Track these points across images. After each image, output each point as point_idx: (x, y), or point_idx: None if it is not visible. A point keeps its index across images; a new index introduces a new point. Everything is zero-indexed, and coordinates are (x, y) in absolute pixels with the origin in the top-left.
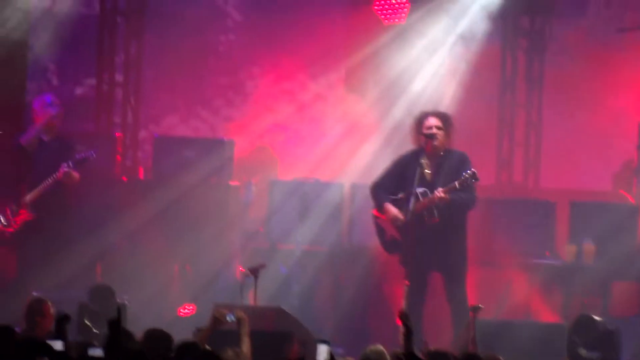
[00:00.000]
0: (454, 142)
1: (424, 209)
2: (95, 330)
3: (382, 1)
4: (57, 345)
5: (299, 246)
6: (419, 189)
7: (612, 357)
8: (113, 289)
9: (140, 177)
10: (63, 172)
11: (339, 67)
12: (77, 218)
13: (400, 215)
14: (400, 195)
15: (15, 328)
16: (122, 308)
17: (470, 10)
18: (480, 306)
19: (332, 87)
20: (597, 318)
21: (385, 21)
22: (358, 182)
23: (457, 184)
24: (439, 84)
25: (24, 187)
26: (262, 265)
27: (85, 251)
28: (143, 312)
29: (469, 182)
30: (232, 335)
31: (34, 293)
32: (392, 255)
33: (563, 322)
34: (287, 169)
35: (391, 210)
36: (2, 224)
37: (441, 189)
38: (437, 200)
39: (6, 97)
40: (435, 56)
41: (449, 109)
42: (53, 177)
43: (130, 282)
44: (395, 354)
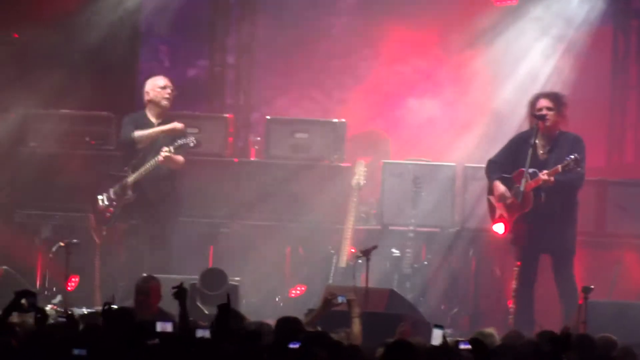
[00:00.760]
0: (567, 123)
1: (532, 190)
2: (207, 311)
3: None
4: (168, 327)
5: (410, 228)
6: (529, 169)
7: None
8: (225, 272)
9: (251, 159)
10: (164, 157)
11: (451, 49)
12: (189, 199)
13: (507, 194)
14: (513, 175)
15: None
16: (233, 290)
17: None
18: (591, 287)
19: (444, 68)
20: None
21: (497, 3)
22: (469, 163)
23: (560, 167)
24: (551, 66)
25: (127, 169)
26: (374, 247)
27: (196, 232)
28: (255, 294)
29: (571, 167)
30: (343, 317)
31: (144, 274)
32: (501, 234)
33: None
34: (399, 150)
35: (499, 187)
36: (104, 205)
37: (545, 172)
38: (542, 182)
39: (119, 79)
40: (546, 37)
41: (560, 91)
42: (155, 161)
43: (241, 264)
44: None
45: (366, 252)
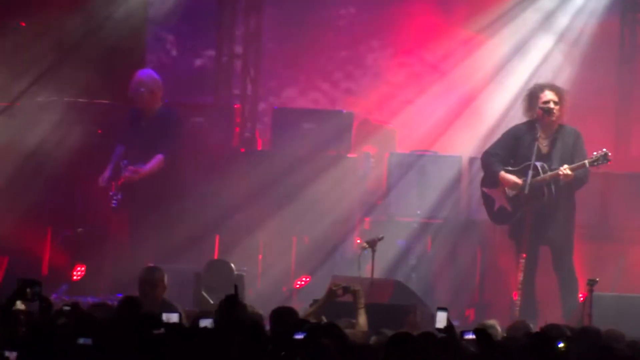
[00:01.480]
0: (572, 116)
1: (544, 183)
2: (212, 301)
3: None
4: (173, 318)
5: (416, 219)
6: (536, 162)
7: None
8: (230, 263)
9: (258, 149)
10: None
11: (459, 40)
12: (194, 189)
13: (520, 183)
14: (514, 168)
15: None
16: (239, 280)
17: None
18: (596, 280)
19: (451, 60)
20: None
21: None
22: (476, 155)
23: (586, 162)
24: (557, 59)
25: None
26: (380, 238)
27: (202, 222)
28: (260, 284)
29: (601, 162)
30: (348, 307)
31: (150, 264)
32: (499, 226)
33: None
34: (405, 142)
35: (510, 178)
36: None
37: (567, 166)
38: (562, 176)
39: (125, 69)
40: (553, 30)
41: (566, 84)
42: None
43: (247, 254)
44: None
45: (372, 243)
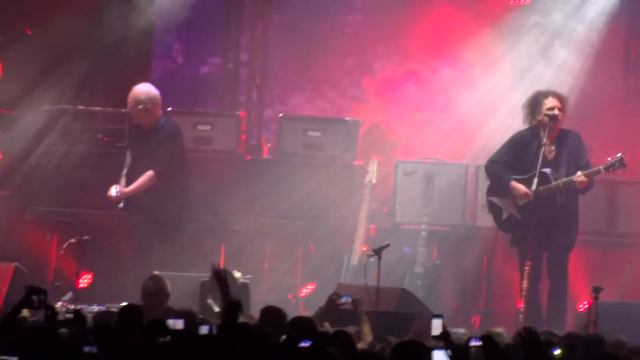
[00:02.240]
0: (578, 124)
1: (557, 190)
2: (217, 309)
3: None
4: (179, 325)
5: (422, 226)
6: (545, 169)
7: None
8: (232, 273)
9: (264, 156)
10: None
11: (464, 48)
12: (200, 197)
13: (530, 193)
14: (522, 176)
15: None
16: (244, 288)
17: None
18: (601, 287)
19: (458, 67)
20: None
21: (512, 1)
22: (482, 163)
23: (602, 168)
24: (563, 66)
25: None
26: (386, 246)
27: (208, 230)
28: (266, 292)
29: (617, 167)
30: (353, 315)
31: (155, 272)
32: (508, 234)
33: None
34: (412, 149)
35: (520, 188)
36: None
37: (581, 173)
38: (579, 183)
39: (132, 76)
40: (559, 37)
41: (573, 90)
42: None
43: (253, 262)
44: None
45: (378, 251)
